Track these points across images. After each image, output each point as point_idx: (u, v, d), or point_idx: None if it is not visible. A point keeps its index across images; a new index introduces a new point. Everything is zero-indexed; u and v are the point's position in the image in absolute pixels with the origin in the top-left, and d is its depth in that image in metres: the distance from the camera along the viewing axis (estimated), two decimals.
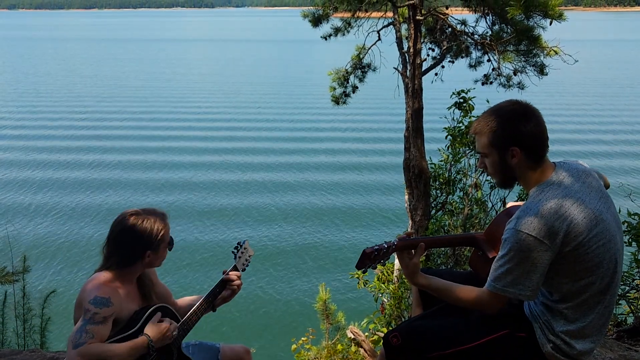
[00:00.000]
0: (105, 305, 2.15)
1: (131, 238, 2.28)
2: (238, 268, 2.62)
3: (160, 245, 2.31)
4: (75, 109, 28.42)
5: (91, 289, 2.19)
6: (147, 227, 2.28)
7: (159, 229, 2.30)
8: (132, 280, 2.36)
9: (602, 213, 2.04)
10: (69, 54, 58.46)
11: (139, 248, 2.28)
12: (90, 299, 2.15)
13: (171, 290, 2.64)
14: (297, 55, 56.55)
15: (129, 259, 2.28)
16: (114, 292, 2.21)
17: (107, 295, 2.18)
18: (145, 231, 2.27)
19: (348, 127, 24.14)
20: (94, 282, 2.23)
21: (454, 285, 2.20)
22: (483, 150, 2.17)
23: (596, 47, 54.91)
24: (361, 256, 2.23)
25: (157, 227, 2.29)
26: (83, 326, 2.10)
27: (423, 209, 7.00)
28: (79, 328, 2.10)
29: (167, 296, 2.58)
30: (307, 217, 14.32)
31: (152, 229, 2.28)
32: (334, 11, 7.86)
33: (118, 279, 2.28)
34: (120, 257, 2.29)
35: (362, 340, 4.92)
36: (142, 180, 17.34)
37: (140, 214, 2.33)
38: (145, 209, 2.37)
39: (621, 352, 2.82)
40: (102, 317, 2.13)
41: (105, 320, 2.14)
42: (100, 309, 2.13)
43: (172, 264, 11.11)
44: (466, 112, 6.14)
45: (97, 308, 2.13)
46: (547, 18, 6.13)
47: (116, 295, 2.22)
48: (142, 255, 2.29)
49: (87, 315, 2.12)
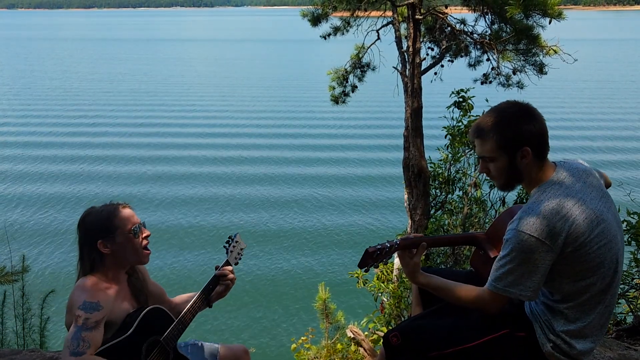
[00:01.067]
0: (96, 310, 2.13)
1: (83, 233, 2.30)
2: (230, 262, 2.59)
3: (115, 232, 2.27)
4: (74, 108, 28.39)
5: (79, 294, 2.17)
6: (95, 218, 2.29)
7: (109, 218, 2.28)
8: (120, 280, 2.34)
9: (603, 213, 2.04)
10: (66, 54, 58.39)
11: (91, 240, 2.27)
12: (80, 305, 2.12)
13: (165, 285, 2.63)
14: (296, 54, 56.52)
15: (91, 256, 2.27)
16: (102, 294, 2.19)
17: (96, 299, 2.15)
18: (93, 223, 2.28)
19: (347, 127, 24.13)
20: (81, 286, 2.20)
21: (455, 284, 2.19)
22: (489, 154, 2.11)
23: (595, 46, 54.90)
24: (364, 255, 2.23)
25: (106, 216, 2.28)
26: (78, 333, 2.07)
27: (422, 208, 7.00)
28: (73, 335, 2.08)
29: (161, 294, 2.56)
30: (306, 216, 14.32)
31: (101, 219, 2.28)
32: (333, 10, 7.86)
33: (105, 280, 2.26)
34: (87, 258, 2.28)
35: (361, 340, 4.92)
36: (140, 180, 17.34)
37: (91, 209, 2.34)
38: (103, 204, 2.38)
39: (620, 351, 2.82)
40: (93, 322, 2.11)
41: (97, 324, 2.12)
42: (91, 314, 2.11)
43: (168, 258, 11.12)
44: (465, 111, 6.15)
45: (88, 313, 2.11)
46: (546, 17, 6.14)
47: (105, 297, 2.19)
48: (95, 246, 2.26)
49: (79, 321, 2.09)
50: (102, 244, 2.26)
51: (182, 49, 63.81)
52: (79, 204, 14.77)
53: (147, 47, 66.34)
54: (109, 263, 2.29)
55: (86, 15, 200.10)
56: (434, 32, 7.79)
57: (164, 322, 2.34)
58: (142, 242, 2.34)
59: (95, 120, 25.71)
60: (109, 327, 2.20)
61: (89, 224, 2.29)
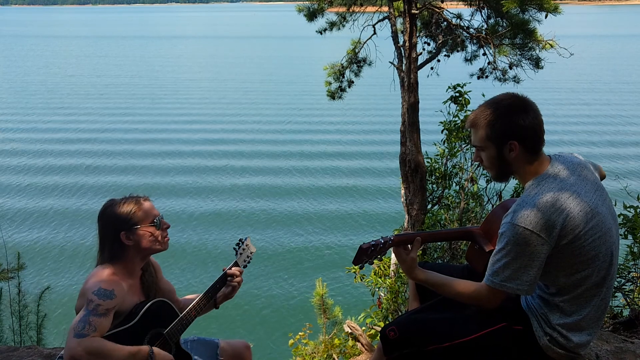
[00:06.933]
0: (109, 298, 2.16)
1: (105, 224, 2.34)
2: (239, 264, 2.62)
3: (138, 224, 2.32)
4: (72, 107, 28.29)
5: (96, 281, 2.21)
6: (118, 210, 2.33)
7: (131, 209, 2.33)
8: (134, 274, 2.38)
9: (598, 206, 2.05)
10: (60, 50, 58.08)
11: (113, 231, 2.31)
12: (94, 290, 2.16)
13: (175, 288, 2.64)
14: (293, 50, 56.36)
15: (113, 247, 2.31)
16: (117, 285, 2.23)
17: (111, 287, 2.19)
18: (116, 214, 2.32)
19: (344, 122, 24.11)
20: (98, 274, 2.25)
21: (452, 280, 2.19)
22: (480, 144, 2.15)
23: (591, 40, 54.93)
24: (358, 252, 2.23)
25: (128, 208, 2.34)
26: (86, 316, 2.10)
27: (419, 203, 7.00)
28: (81, 317, 2.10)
29: (171, 292, 2.59)
30: (303, 212, 14.32)
31: (123, 210, 2.33)
32: (329, 5, 7.85)
33: (120, 272, 2.31)
34: (108, 248, 2.32)
35: (359, 335, 4.92)
36: (140, 177, 17.30)
37: (113, 201, 2.38)
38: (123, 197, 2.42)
39: (617, 344, 2.83)
40: (105, 309, 2.14)
41: (107, 312, 2.15)
42: (104, 301, 2.14)
43: (175, 265, 11.12)
44: (462, 106, 6.14)
45: (101, 300, 2.14)
46: (542, 11, 6.14)
47: (120, 288, 2.23)
48: (118, 237, 2.30)
49: (91, 305, 2.12)
50: (125, 235, 2.31)
51: (177, 45, 63.53)
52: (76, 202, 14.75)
53: (142, 43, 66.02)
54: (131, 254, 2.34)
55: (81, 11, 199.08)
56: (430, 27, 7.79)
57: (168, 316, 2.37)
58: (163, 233, 2.41)
59: (91, 118, 25.61)
60: (116, 317, 2.22)
61: (111, 216, 2.33)
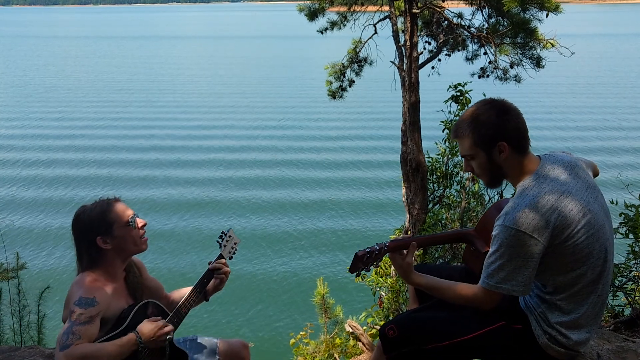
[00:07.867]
0: (91, 305, 2.14)
1: (80, 232, 2.31)
2: (224, 256, 2.61)
3: (112, 227, 2.29)
4: (70, 106, 28.33)
5: (76, 290, 2.19)
6: (90, 215, 2.30)
7: (104, 213, 2.30)
8: (117, 277, 2.35)
9: (590, 204, 2.05)
10: (61, 50, 58.17)
11: (89, 237, 2.28)
12: (75, 300, 2.14)
13: (162, 281, 2.64)
14: (294, 49, 56.35)
15: (90, 253, 2.28)
16: (99, 291, 2.20)
17: (92, 295, 2.17)
18: (89, 219, 2.29)
19: (344, 121, 24.10)
20: (78, 283, 2.23)
21: (450, 283, 2.20)
22: (468, 152, 2.16)
23: (592, 39, 54.86)
24: (354, 260, 2.24)
25: (100, 212, 2.30)
26: (69, 328, 2.08)
27: (420, 203, 6.99)
28: (65, 330, 2.09)
29: (158, 290, 2.58)
30: (304, 211, 14.31)
31: (95, 215, 2.30)
32: (330, 5, 7.85)
33: (102, 277, 2.28)
34: (86, 255, 2.29)
35: (360, 334, 4.92)
36: (138, 176, 17.32)
37: (84, 208, 2.35)
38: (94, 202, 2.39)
39: (618, 343, 2.82)
40: (87, 317, 2.12)
41: (91, 319, 2.12)
42: (86, 309, 2.12)
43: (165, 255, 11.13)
44: (463, 105, 6.14)
45: (82, 309, 2.12)
46: (543, 10, 6.13)
47: (102, 293, 2.21)
48: (95, 243, 2.27)
49: (73, 316, 2.11)
50: (102, 239, 2.28)
51: (178, 45, 63.57)
52: (73, 200, 14.77)
53: (143, 43, 66.09)
54: (110, 257, 2.31)
55: (82, 11, 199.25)
56: (431, 26, 7.78)
57: (158, 316, 2.35)
58: (139, 232, 2.37)
59: (90, 119, 25.65)
60: (104, 324, 2.20)
61: (85, 222, 2.30)
